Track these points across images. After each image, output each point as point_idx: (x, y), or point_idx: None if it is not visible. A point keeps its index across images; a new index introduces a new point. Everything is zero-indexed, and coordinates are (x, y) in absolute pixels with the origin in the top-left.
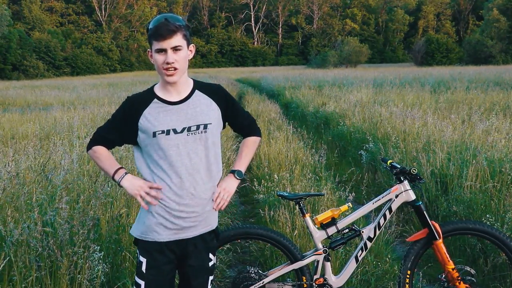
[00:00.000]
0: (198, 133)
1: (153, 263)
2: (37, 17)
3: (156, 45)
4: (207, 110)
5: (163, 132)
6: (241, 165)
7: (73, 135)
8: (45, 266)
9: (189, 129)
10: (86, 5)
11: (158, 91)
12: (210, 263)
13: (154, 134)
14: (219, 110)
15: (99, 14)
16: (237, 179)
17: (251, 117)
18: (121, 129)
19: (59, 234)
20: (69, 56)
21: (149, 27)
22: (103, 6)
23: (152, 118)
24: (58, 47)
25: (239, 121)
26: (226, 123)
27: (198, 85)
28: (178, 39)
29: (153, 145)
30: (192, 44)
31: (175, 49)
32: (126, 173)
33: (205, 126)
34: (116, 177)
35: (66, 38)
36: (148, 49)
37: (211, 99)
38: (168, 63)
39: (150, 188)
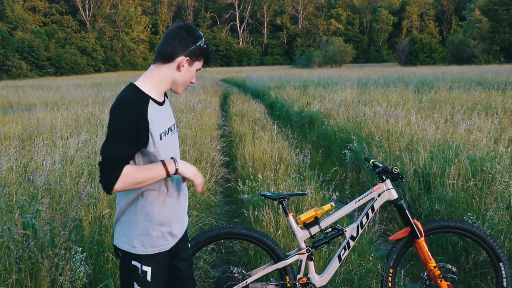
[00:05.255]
0: (176, 132)
1: (159, 269)
2: (20, 17)
3: (199, 65)
4: (171, 111)
5: (164, 133)
6: None
7: (56, 136)
8: (26, 268)
9: (171, 129)
10: (69, 5)
11: (148, 91)
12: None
13: (161, 137)
14: None
15: (83, 14)
16: None
17: None
18: (136, 138)
19: (40, 236)
20: (53, 56)
21: (203, 45)
22: (87, 6)
23: (155, 120)
24: (41, 47)
25: None
26: None
27: None
28: None
29: (159, 149)
30: None
31: None
32: (174, 160)
33: (176, 126)
34: (171, 168)
35: (49, 38)
36: (188, 58)
37: (168, 101)
38: (193, 83)
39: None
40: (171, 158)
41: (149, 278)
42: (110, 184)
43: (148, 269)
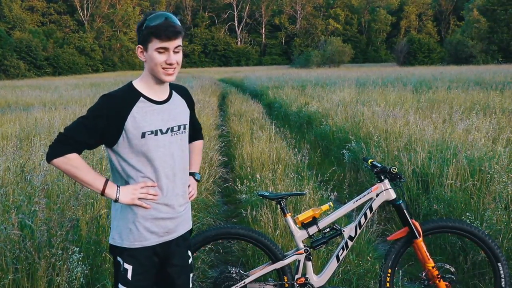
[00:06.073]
0: (179, 134)
1: (140, 269)
2: (18, 16)
3: (158, 44)
4: (183, 111)
5: (152, 132)
6: (197, 168)
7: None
8: (23, 268)
9: (172, 129)
10: (68, 5)
11: (142, 89)
12: (190, 261)
13: (143, 135)
14: (188, 111)
15: (81, 14)
16: (197, 181)
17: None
18: (103, 130)
19: (37, 236)
20: (51, 56)
21: (147, 24)
22: (85, 6)
23: (140, 118)
24: (39, 46)
25: (194, 124)
26: None
27: (172, 86)
28: (180, 40)
29: (140, 147)
30: None
31: (176, 49)
32: (118, 185)
33: (184, 127)
34: (110, 192)
35: (47, 37)
36: (139, 46)
37: (184, 101)
38: (170, 64)
39: (142, 187)
40: (118, 186)
41: (129, 276)
42: (52, 156)
43: (129, 267)
